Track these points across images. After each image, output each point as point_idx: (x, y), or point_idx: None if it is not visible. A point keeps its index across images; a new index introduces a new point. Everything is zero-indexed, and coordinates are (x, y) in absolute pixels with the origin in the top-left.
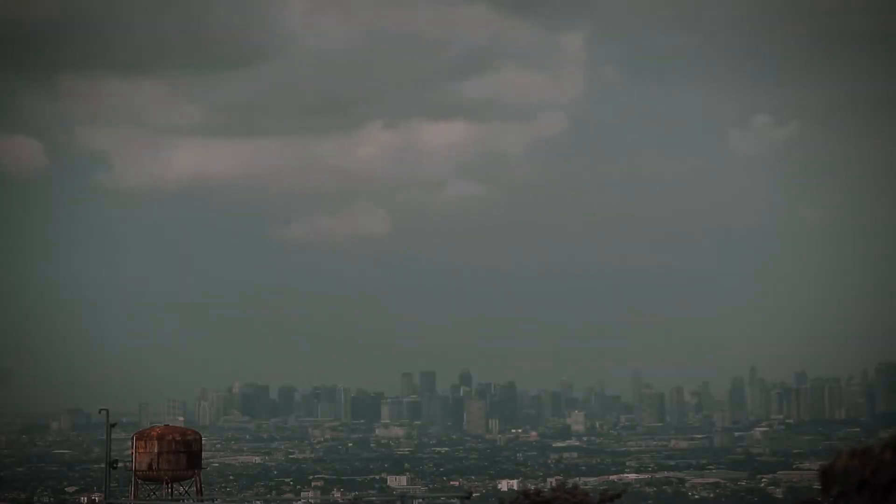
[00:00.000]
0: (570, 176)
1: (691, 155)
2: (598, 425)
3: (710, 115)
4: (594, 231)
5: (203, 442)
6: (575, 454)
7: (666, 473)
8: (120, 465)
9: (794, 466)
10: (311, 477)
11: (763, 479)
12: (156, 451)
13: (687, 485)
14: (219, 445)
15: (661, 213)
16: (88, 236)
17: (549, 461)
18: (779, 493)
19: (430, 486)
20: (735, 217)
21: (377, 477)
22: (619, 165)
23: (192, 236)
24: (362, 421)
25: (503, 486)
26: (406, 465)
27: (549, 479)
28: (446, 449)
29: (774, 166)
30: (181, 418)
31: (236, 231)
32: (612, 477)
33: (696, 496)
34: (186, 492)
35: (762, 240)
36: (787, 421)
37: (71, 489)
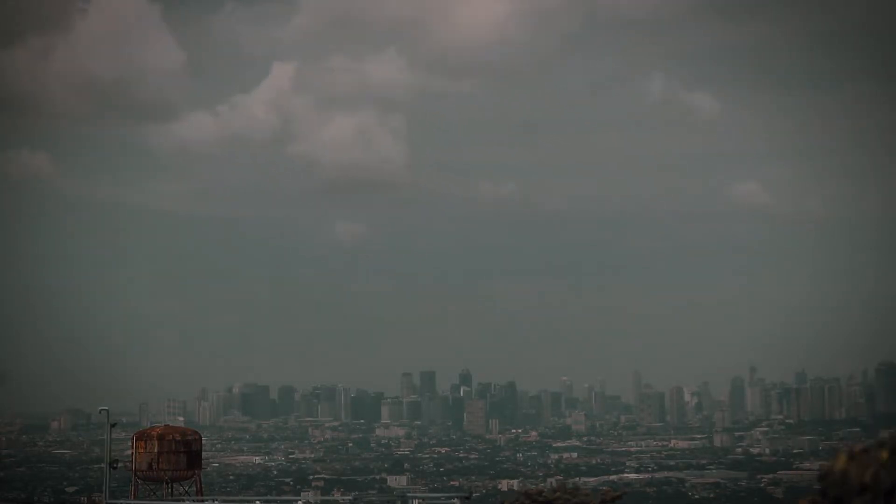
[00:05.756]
0: (572, 174)
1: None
2: (598, 425)
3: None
4: (593, 230)
5: (203, 442)
6: (575, 454)
7: (666, 473)
8: (120, 465)
9: (794, 466)
10: (311, 477)
11: (763, 479)
12: (156, 451)
13: (687, 485)
14: (219, 445)
15: (661, 212)
16: (88, 236)
17: (549, 461)
18: (779, 493)
19: (430, 486)
20: (734, 216)
21: (377, 477)
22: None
23: (191, 236)
24: (362, 421)
25: (503, 486)
26: (406, 465)
27: (549, 479)
28: (446, 449)
29: (775, 164)
30: (181, 418)
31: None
32: (612, 477)
33: (696, 496)
34: (186, 492)
35: (762, 239)
36: (787, 421)
37: (71, 489)
